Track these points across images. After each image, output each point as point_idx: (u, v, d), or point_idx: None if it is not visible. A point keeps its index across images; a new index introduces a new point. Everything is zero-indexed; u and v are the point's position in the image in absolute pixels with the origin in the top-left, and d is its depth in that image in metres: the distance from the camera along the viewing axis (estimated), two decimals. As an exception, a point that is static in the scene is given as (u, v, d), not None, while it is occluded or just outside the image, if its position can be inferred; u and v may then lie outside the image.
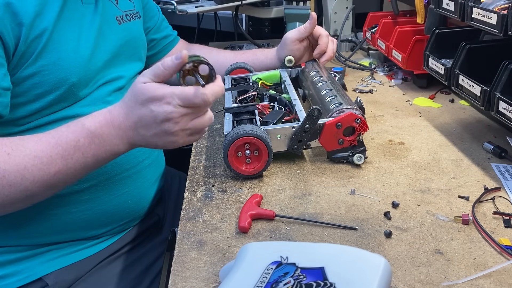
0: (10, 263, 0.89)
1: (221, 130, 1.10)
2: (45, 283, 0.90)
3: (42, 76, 0.83)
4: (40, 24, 0.81)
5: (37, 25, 0.81)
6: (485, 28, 0.89)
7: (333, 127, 0.91)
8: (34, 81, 0.82)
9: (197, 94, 0.75)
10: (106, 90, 0.94)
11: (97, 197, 0.92)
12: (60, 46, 0.84)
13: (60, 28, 0.84)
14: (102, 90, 0.94)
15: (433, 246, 0.71)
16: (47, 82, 0.83)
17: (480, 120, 1.14)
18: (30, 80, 0.82)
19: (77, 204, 0.91)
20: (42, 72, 0.82)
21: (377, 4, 1.87)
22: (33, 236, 0.90)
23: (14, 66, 0.80)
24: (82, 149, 0.77)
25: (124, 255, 1.01)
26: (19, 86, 0.82)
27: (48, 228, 0.90)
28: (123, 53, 1.00)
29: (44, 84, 0.83)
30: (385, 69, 1.50)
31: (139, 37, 1.09)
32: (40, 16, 0.81)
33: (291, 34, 1.22)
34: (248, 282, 0.57)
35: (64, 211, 0.90)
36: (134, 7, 1.08)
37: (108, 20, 0.96)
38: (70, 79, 0.85)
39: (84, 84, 0.89)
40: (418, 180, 0.89)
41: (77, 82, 0.87)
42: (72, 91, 0.87)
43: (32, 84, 0.83)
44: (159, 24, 1.24)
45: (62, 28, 0.85)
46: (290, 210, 0.80)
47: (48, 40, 0.82)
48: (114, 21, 0.99)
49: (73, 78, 0.86)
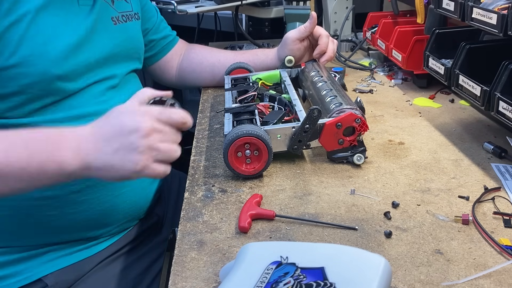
0: (9, 264, 0.89)
1: (221, 130, 1.10)
2: (45, 283, 0.90)
3: (26, 67, 0.82)
4: (18, 10, 0.81)
5: (14, 11, 0.80)
6: (485, 28, 0.89)
7: (333, 127, 0.91)
8: (17, 71, 0.82)
9: (176, 110, 0.73)
10: (100, 89, 0.94)
11: (95, 198, 0.92)
12: (43, 38, 0.83)
13: (42, 20, 0.84)
14: (96, 88, 0.93)
15: (433, 246, 0.71)
16: (30, 73, 0.82)
17: (480, 120, 1.14)
18: (13, 70, 0.81)
19: (75, 205, 0.90)
20: (26, 63, 0.82)
21: (377, 4, 1.88)
22: (32, 236, 0.90)
23: None
24: (32, 149, 0.70)
25: (124, 255, 1.01)
26: (1, 76, 0.81)
27: (47, 229, 0.90)
28: (119, 53, 1.00)
29: (27, 76, 0.82)
30: (385, 69, 1.50)
31: (136, 38, 1.09)
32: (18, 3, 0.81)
33: (292, 34, 1.23)
34: (248, 282, 0.57)
35: (62, 212, 0.89)
36: (131, 8, 1.08)
37: (103, 20, 0.96)
38: (54, 72, 0.84)
39: (71, 79, 0.88)
40: (418, 180, 0.89)
41: (63, 76, 0.86)
42: (57, 85, 0.86)
43: (15, 75, 0.81)
44: (157, 24, 1.24)
45: (45, 21, 0.84)
46: (290, 210, 0.80)
47: (28, 29, 0.81)
48: (109, 22, 0.99)
49: (57, 71, 0.85)
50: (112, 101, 0.95)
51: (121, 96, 0.98)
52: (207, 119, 1.17)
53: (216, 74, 1.29)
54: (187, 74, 1.30)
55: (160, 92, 0.77)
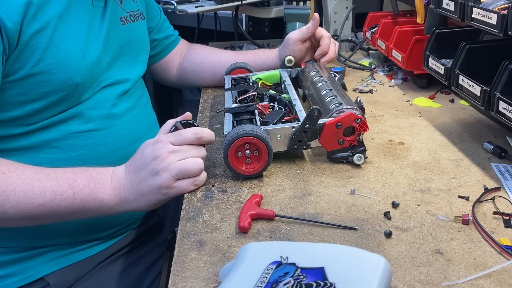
0: (11, 263, 0.89)
1: (221, 130, 1.10)
2: (47, 282, 0.90)
3: (50, 74, 0.83)
4: (43, 17, 0.81)
5: (40, 17, 0.80)
6: (485, 28, 0.89)
7: (333, 127, 0.91)
8: (41, 79, 0.82)
9: (188, 129, 0.81)
10: (111, 93, 0.94)
11: None
12: (67, 46, 0.84)
13: (65, 26, 0.84)
14: (106, 92, 0.93)
15: (433, 246, 0.71)
16: (53, 81, 0.83)
17: (480, 120, 1.14)
18: (37, 77, 0.82)
19: None
20: (50, 70, 0.82)
21: (377, 4, 1.88)
22: (33, 238, 0.90)
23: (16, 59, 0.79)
24: (76, 189, 0.78)
25: (125, 255, 1.01)
26: (25, 83, 0.82)
27: (48, 231, 0.90)
28: (127, 54, 1.00)
29: (51, 83, 0.83)
30: (385, 69, 1.50)
31: (142, 38, 1.09)
32: (42, 9, 0.81)
33: (294, 35, 1.23)
34: (248, 282, 0.57)
35: None
36: (137, 8, 1.08)
37: (113, 21, 0.96)
38: (76, 79, 0.85)
39: (88, 86, 0.89)
40: (418, 180, 0.89)
41: (82, 83, 0.87)
42: (76, 92, 0.87)
43: (39, 82, 0.82)
44: (160, 24, 1.24)
45: (67, 27, 0.84)
46: (290, 210, 0.80)
47: (52, 36, 0.82)
48: (118, 22, 0.99)
49: (78, 78, 0.86)
50: (121, 106, 0.96)
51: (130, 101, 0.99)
52: (207, 119, 1.17)
53: (216, 74, 1.29)
54: (188, 74, 1.30)
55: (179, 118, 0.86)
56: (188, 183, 0.81)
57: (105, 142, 0.92)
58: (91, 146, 0.90)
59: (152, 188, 0.79)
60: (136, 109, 1.01)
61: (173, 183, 0.79)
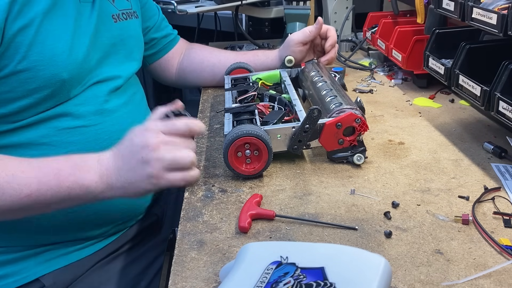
0: (6, 263, 0.89)
1: (221, 130, 1.10)
2: (42, 283, 0.89)
3: (36, 71, 0.82)
4: (27, 14, 0.80)
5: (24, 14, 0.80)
6: (485, 28, 0.89)
7: (333, 127, 0.91)
8: (26, 76, 0.82)
9: (181, 120, 0.79)
10: (102, 90, 0.94)
11: None
12: (52, 42, 0.83)
13: (50, 23, 0.83)
14: (96, 88, 0.93)
15: (433, 246, 0.71)
16: (39, 78, 0.83)
17: (480, 120, 1.14)
18: (23, 74, 0.81)
19: None
20: (36, 67, 0.82)
21: (377, 4, 1.88)
22: (28, 237, 0.90)
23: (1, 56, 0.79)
24: (61, 178, 0.76)
25: (122, 255, 1.01)
26: (11, 80, 0.81)
27: (43, 229, 0.89)
28: (119, 52, 1.00)
29: (37, 80, 0.83)
30: (385, 69, 1.50)
31: (135, 36, 1.09)
32: (27, 6, 0.80)
33: (296, 36, 1.23)
34: (248, 282, 0.57)
35: (58, 212, 0.89)
36: (131, 7, 1.08)
37: (104, 18, 0.96)
38: (62, 76, 0.85)
39: (76, 82, 0.88)
40: (418, 180, 0.89)
41: (69, 80, 0.86)
42: (63, 88, 0.86)
43: (25, 79, 0.82)
44: (159, 23, 1.24)
45: (53, 24, 0.84)
46: (290, 210, 0.80)
47: (37, 33, 0.81)
48: (110, 19, 0.99)
49: (65, 75, 0.85)
50: (112, 102, 0.95)
51: (123, 97, 0.99)
52: (207, 119, 1.17)
53: (216, 74, 1.29)
54: (188, 74, 1.30)
55: (171, 107, 0.83)
56: (178, 176, 0.78)
57: (96, 138, 0.92)
58: (82, 142, 0.90)
59: (141, 177, 0.76)
60: (130, 106, 1.00)
61: (164, 173, 0.76)
